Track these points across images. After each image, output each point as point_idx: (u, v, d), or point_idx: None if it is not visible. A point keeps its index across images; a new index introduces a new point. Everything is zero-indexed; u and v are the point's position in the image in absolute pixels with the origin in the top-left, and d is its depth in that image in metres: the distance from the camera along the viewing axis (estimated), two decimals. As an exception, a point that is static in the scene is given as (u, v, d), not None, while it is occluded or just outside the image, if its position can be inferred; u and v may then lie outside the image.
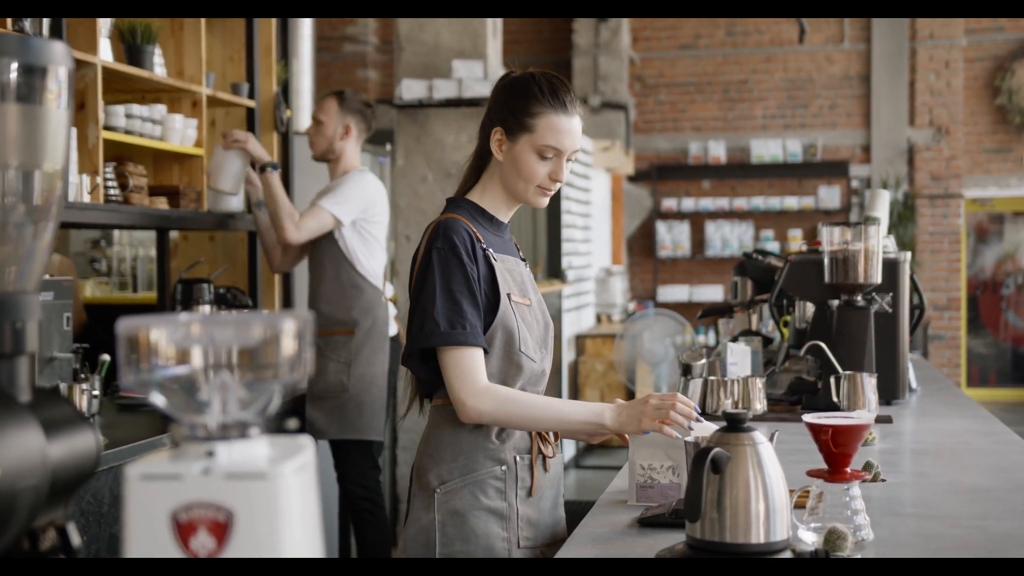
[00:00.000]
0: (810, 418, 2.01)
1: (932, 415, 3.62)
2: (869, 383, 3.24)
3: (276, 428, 1.09)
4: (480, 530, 2.33)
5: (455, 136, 6.38)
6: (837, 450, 1.96)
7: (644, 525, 2.18)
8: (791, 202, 11.67)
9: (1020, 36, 11.58)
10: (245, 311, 4.68)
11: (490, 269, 2.35)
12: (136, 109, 4.28)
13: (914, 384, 4.10)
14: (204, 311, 4.43)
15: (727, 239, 11.81)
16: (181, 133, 4.50)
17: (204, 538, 0.99)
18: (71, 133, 3.74)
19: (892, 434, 3.22)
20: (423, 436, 2.45)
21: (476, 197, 2.45)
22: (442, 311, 2.28)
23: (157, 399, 1.04)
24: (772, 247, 11.43)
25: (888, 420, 3.39)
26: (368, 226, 4.50)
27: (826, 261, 3.57)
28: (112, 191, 4.12)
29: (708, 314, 4.72)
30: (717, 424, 2.04)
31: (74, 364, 3.74)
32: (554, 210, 8.91)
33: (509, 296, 2.36)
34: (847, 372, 3.28)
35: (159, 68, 4.44)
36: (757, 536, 1.76)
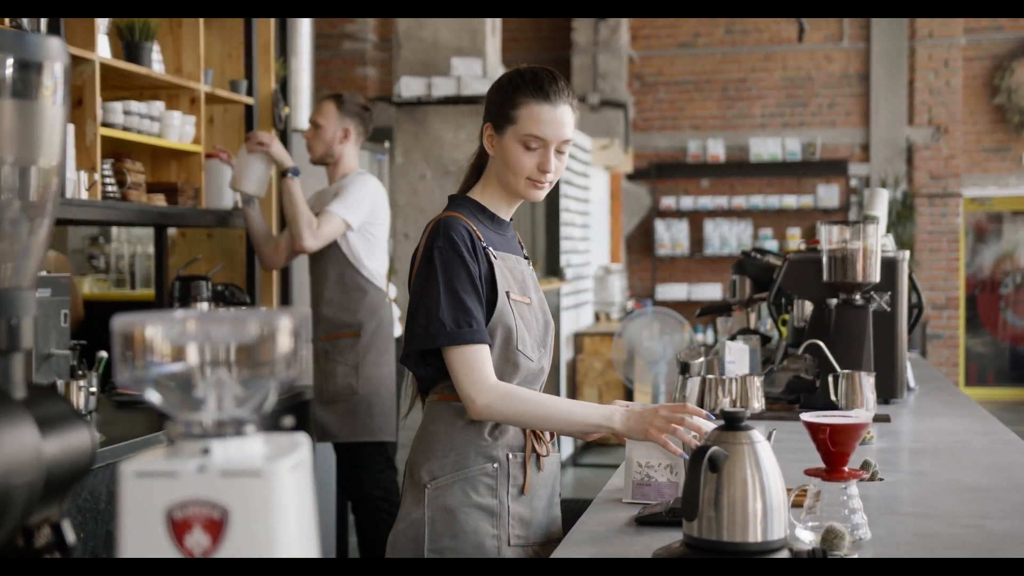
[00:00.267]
0: (808, 417, 2.00)
1: (930, 414, 3.62)
2: (867, 382, 3.24)
3: (272, 426, 1.09)
4: (470, 527, 2.32)
5: (454, 134, 6.38)
6: (835, 449, 1.96)
7: (641, 524, 2.18)
8: (790, 201, 11.67)
9: (1019, 35, 11.58)
10: (243, 308, 4.67)
11: (490, 267, 2.34)
12: (134, 106, 4.27)
13: (912, 383, 4.10)
14: (202, 308, 4.42)
15: (726, 237, 11.80)
16: (179, 130, 4.49)
17: (199, 536, 0.98)
18: (67, 129, 3.74)
19: (890, 433, 3.22)
20: (417, 431, 2.45)
21: (477, 195, 2.45)
22: (447, 310, 2.28)
23: (153, 396, 1.04)
24: (771, 246, 11.42)
25: (886, 419, 3.39)
26: (372, 228, 4.49)
27: (824, 260, 3.56)
28: (110, 188, 4.11)
29: (706, 312, 4.72)
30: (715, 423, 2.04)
31: (72, 361, 3.74)
32: (553, 208, 8.91)
33: (508, 294, 2.35)
34: (845, 371, 3.27)
35: (157, 65, 4.44)
36: (754, 535, 1.76)
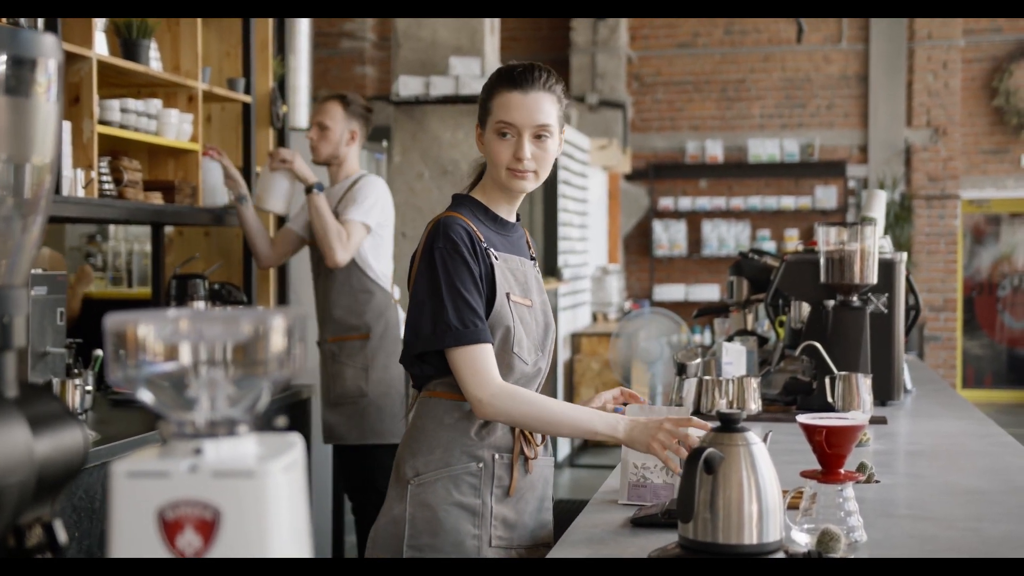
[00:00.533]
0: (804, 419, 2.00)
1: (927, 416, 3.62)
2: (864, 384, 3.24)
3: (265, 426, 1.08)
4: (450, 525, 2.31)
5: (452, 133, 6.37)
6: (831, 451, 1.95)
7: (637, 525, 2.18)
8: (788, 202, 11.67)
9: (1018, 37, 11.58)
10: (239, 307, 4.66)
11: (490, 267, 2.34)
12: (131, 104, 4.27)
13: (909, 385, 4.09)
14: (198, 307, 4.41)
15: (724, 238, 11.80)
16: (176, 128, 4.48)
17: (191, 536, 0.98)
18: (63, 127, 3.73)
19: (887, 435, 3.21)
20: (407, 427, 2.44)
21: (479, 195, 2.45)
22: (452, 310, 2.27)
23: (145, 396, 1.03)
24: (769, 247, 11.42)
25: (883, 421, 3.38)
26: (380, 230, 4.47)
27: (822, 261, 3.56)
28: (106, 186, 4.11)
29: (704, 313, 4.72)
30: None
31: (67, 359, 3.73)
32: (550, 208, 8.90)
33: (508, 296, 2.35)
34: (842, 373, 3.27)
35: (155, 62, 4.43)
36: (750, 537, 1.75)
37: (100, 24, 4.08)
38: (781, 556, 1.77)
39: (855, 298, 3.56)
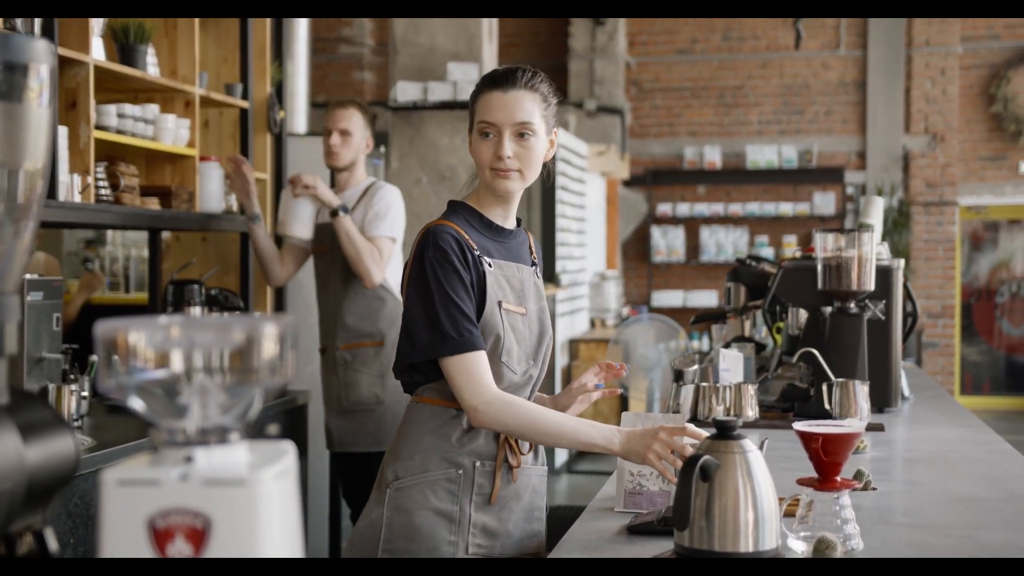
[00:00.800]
0: (800, 426, 1.99)
1: (924, 423, 3.61)
2: (861, 391, 3.23)
3: (257, 433, 1.08)
4: (425, 531, 2.30)
5: (449, 139, 6.37)
6: (827, 458, 1.95)
7: (633, 533, 2.17)
8: (786, 208, 11.67)
9: (1016, 44, 11.59)
10: (236, 312, 4.66)
11: (481, 275, 2.33)
12: (128, 109, 4.26)
13: (907, 392, 4.09)
14: (195, 312, 4.40)
15: (722, 244, 11.80)
16: (174, 133, 4.48)
17: (181, 545, 0.97)
18: (59, 131, 3.72)
19: (884, 442, 3.21)
20: (396, 432, 2.44)
21: (473, 201, 2.44)
22: (446, 319, 2.26)
23: (136, 403, 1.02)
24: (767, 253, 11.43)
25: (880, 428, 3.38)
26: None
27: (819, 268, 3.56)
28: (103, 191, 4.10)
29: (701, 320, 4.71)
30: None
31: (63, 365, 3.72)
32: (548, 214, 8.90)
33: (500, 304, 2.33)
34: (839, 379, 3.27)
35: (152, 68, 4.42)
36: (746, 545, 1.75)
37: (97, 29, 4.08)
38: (777, 564, 1.76)
39: (852, 305, 3.55)
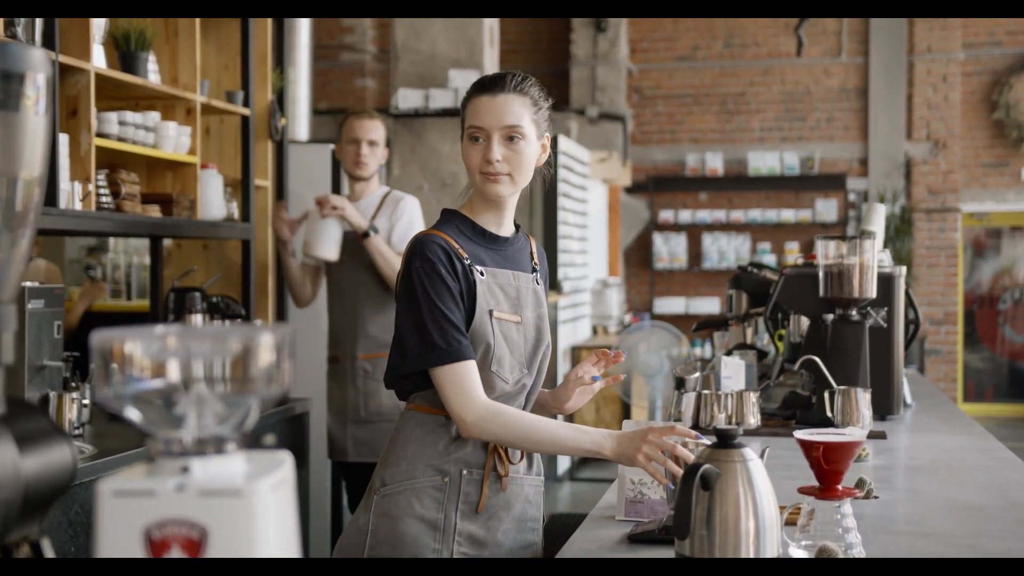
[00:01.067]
0: (801, 435, 1.99)
1: (927, 431, 3.60)
2: (863, 398, 3.23)
3: (254, 443, 1.07)
4: (410, 538, 2.29)
5: (451, 146, 6.37)
6: (828, 467, 1.94)
7: (634, 541, 2.16)
8: (788, 215, 11.67)
9: (1018, 51, 11.59)
10: (237, 320, 4.65)
11: (471, 284, 2.32)
12: (129, 116, 4.26)
13: (909, 399, 4.08)
14: (196, 320, 4.40)
15: (724, 251, 11.80)
16: (175, 141, 4.47)
17: (177, 556, 0.96)
18: (60, 139, 3.72)
19: (886, 450, 3.20)
20: (388, 439, 2.44)
21: (467, 210, 2.43)
22: (434, 330, 2.26)
23: (132, 414, 1.02)
24: (769, 260, 11.42)
25: (882, 436, 3.37)
26: None
27: (821, 275, 3.55)
28: (104, 198, 4.09)
29: (703, 327, 4.70)
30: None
31: (65, 372, 3.71)
32: (550, 221, 8.90)
33: (491, 313, 2.32)
34: (841, 387, 3.26)
35: (153, 75, 4.42)
36: (747, 554, 1.74)
37: (98, 37, 4.07)
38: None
39: (854, 312, 3.54)
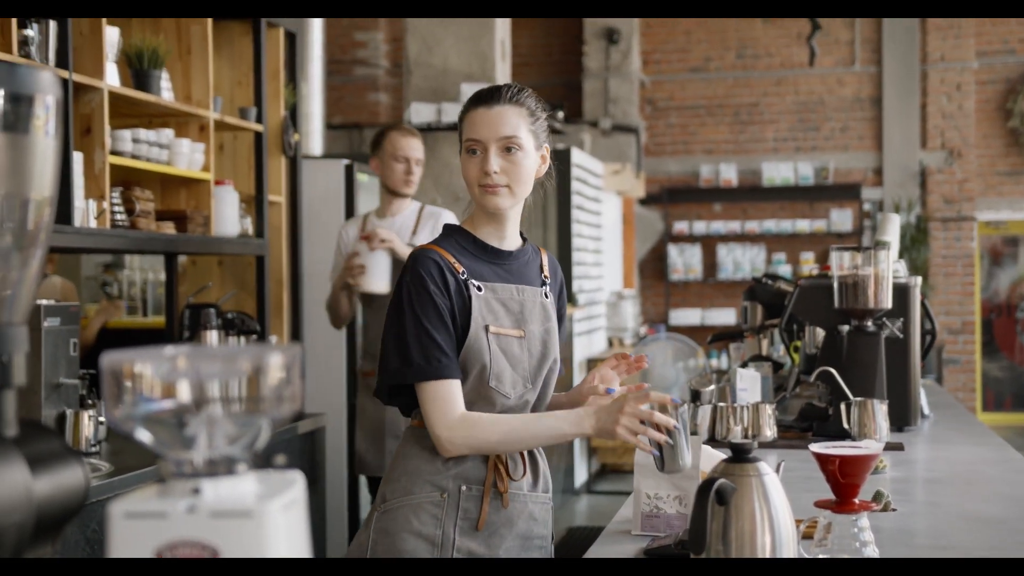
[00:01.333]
0: (817, 448, 1.98)
1: (944, 442, 3.58)
2: (880, 410, 3.20)
3: (265, 463, 1.07)
4: (407, 554, 2.28)
5: (464, 160, 6.37)
6: (845, 480, 1.92)
7: (649, 556, 2.15)
8: (803, 225, 11.64)
9: (1032, 58, 11.55)
10: (253, 336, 4.66)
11: (466, 300, 2.30)
12: (143, 134, 4.28)
13: (926, 410, 4.06)
14: (211, 337, 4.41)
15: (739, 262, 11.77)
16: (188, 157, 4.49)
17: (188, 577, 0.96)
18: (74, 157, 3.74)
19: (903, 462, 3.18)
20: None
21: (468, 224, 2.42)
22: (415, 345, 2.26)
23: (143, 435, 1.02)
24: (784, 270, 11.39)
25: (900, 447, 3.35)
26: None
27: (835, 286, 3.53)
28: (119, 216, 4.11)
29: (718, 339, 4.69)
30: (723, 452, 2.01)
31: (81, 390, 3.72)
32: (564, 233, 8.90)
33: (487, 328, 2.30)
34: (858, 399, 3.24)
35: (166, 92, 4.44)
36: (764, 569, 1.73)
37: (111, 55, 4.09)
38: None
39: (870, 323, 3.53)
